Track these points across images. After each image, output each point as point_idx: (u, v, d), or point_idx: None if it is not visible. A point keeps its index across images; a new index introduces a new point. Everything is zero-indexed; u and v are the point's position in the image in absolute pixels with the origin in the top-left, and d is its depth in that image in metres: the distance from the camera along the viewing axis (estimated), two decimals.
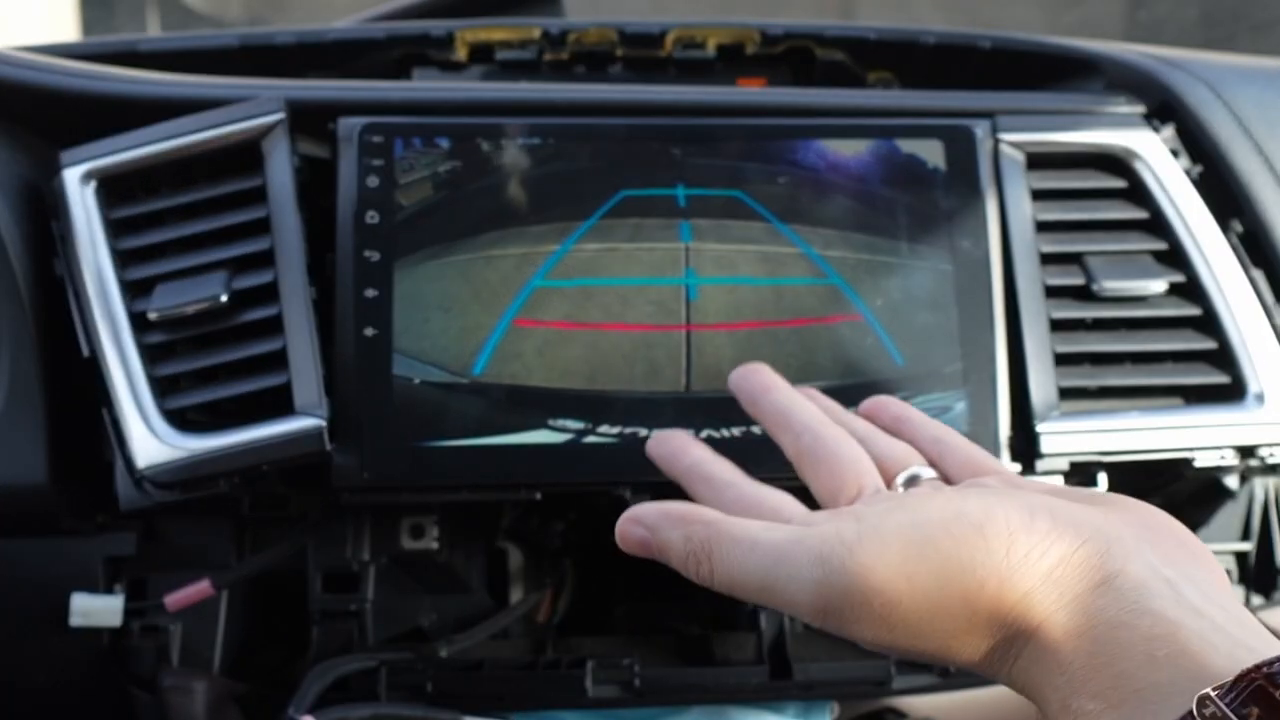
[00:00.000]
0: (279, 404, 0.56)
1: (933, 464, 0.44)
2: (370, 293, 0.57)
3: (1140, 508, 0.36)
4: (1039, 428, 0.59)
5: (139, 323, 0.57)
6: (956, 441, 0.45)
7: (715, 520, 0.39)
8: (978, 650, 0.34)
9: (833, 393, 0.51)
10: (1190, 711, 0.28)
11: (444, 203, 0.59)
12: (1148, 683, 0.29)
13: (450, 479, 0.56)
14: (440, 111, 0.62)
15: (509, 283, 0.58)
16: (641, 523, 0.40)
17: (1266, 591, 0.68)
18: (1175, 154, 0.65)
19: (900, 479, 0.43)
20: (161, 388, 0.57)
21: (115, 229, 0.59)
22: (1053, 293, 0.61)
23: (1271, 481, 0.68)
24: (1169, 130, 0.66)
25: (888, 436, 0.45)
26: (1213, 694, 0.27)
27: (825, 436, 0.44)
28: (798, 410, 0.46)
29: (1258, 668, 0.27)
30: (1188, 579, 0.32)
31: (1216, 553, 0.58)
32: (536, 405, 0.57)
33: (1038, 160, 0.64)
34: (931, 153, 0.62)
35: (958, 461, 0.44)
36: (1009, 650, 0.33)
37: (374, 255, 0.58)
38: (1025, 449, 0.59)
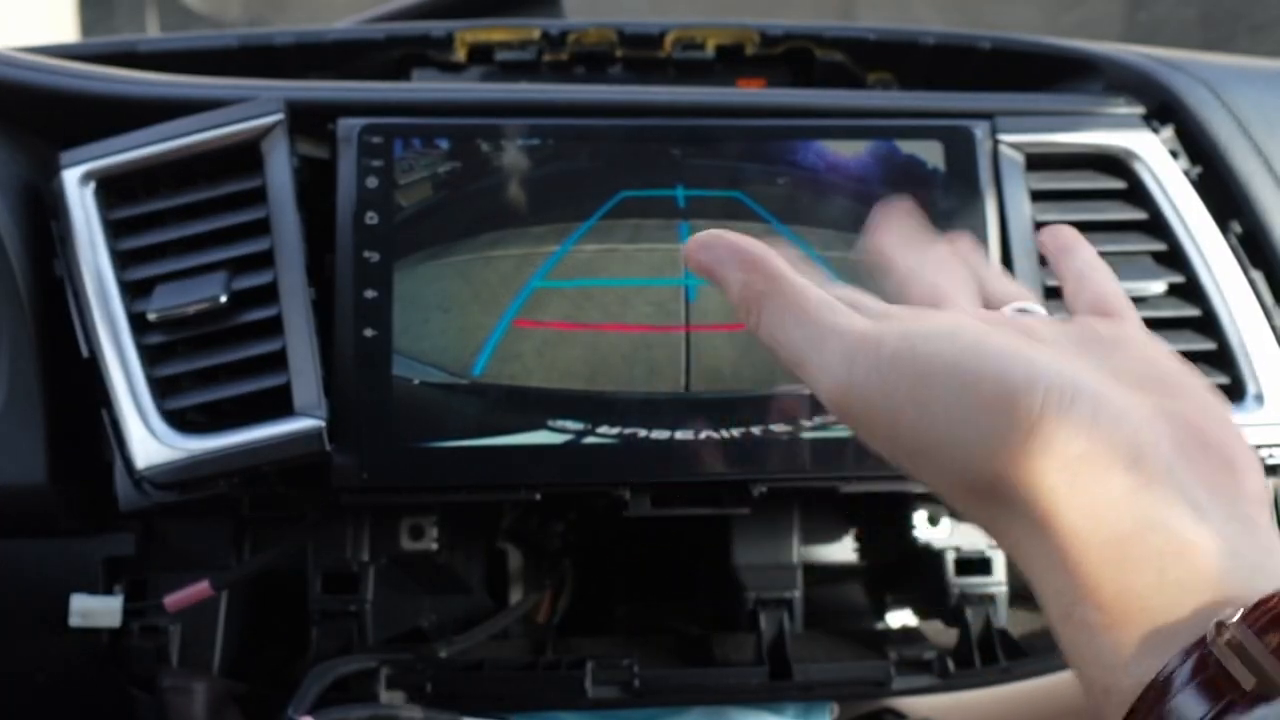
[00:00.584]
0: (278, 404, 0.56)
1: (1068, 297, 0.42)
2: (370, 293, 0.57)
3: (1199, 408, 0.33)
4: None
5: (139, 323, 0.57)
6: (1099, 278, 0.42)
7: (778, 277, 0.37)
8: (970, 510, 0.33)
9: None
10: (1204, 637, 0.26)
11: (443, 203, 0.59)
12: (1157, 602, 0.28)
13: (450, 480, 0.56)
14: (440, 112, 0.62)
15: (508, 283, 0.58)
16: (711, 251, 0.39)
17: None
18: (1174, 155, 0.65)
19: (1009, 309, 0.40)
20: (161, 388, 0.57)
21: (115, 230, 0.59)
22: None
23: (1271, 482, 0.68)
24: (1168, 131, 0.66)
25: (1002, 278, 0.43)
26: (1230, 620, 0.26)
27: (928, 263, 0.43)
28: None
29: (1278, 595, 0.26)
30: (1218, 498, 0.30)
31: None
32: (536, 406, 0.57)
33: (1037, 161, 0.64)
34: (931, 154, 0.62)
35: (1088, 299, 0.41)
36: (1008, 527, 0.32)
37: (373, 256, 0.58)
38: None
